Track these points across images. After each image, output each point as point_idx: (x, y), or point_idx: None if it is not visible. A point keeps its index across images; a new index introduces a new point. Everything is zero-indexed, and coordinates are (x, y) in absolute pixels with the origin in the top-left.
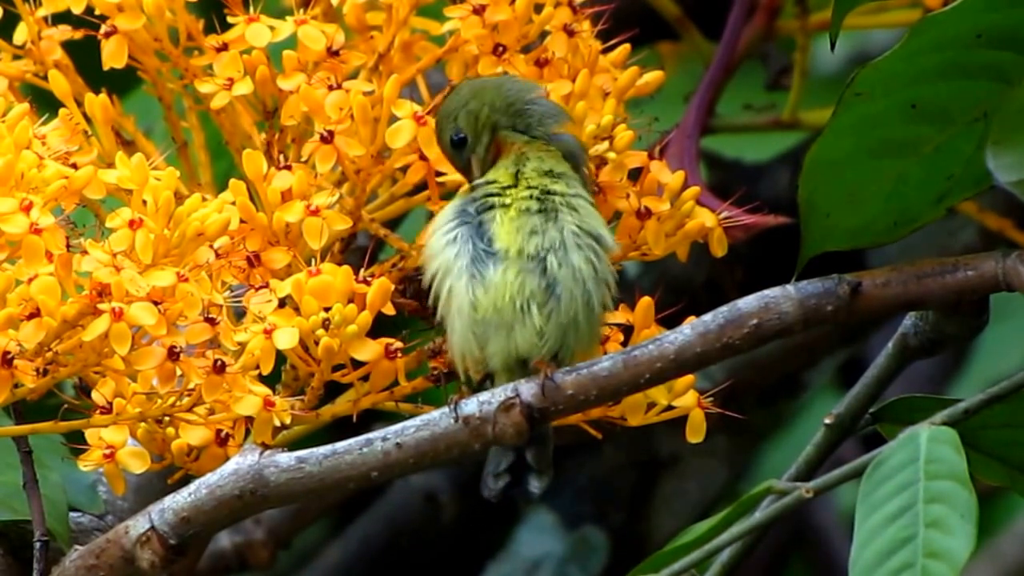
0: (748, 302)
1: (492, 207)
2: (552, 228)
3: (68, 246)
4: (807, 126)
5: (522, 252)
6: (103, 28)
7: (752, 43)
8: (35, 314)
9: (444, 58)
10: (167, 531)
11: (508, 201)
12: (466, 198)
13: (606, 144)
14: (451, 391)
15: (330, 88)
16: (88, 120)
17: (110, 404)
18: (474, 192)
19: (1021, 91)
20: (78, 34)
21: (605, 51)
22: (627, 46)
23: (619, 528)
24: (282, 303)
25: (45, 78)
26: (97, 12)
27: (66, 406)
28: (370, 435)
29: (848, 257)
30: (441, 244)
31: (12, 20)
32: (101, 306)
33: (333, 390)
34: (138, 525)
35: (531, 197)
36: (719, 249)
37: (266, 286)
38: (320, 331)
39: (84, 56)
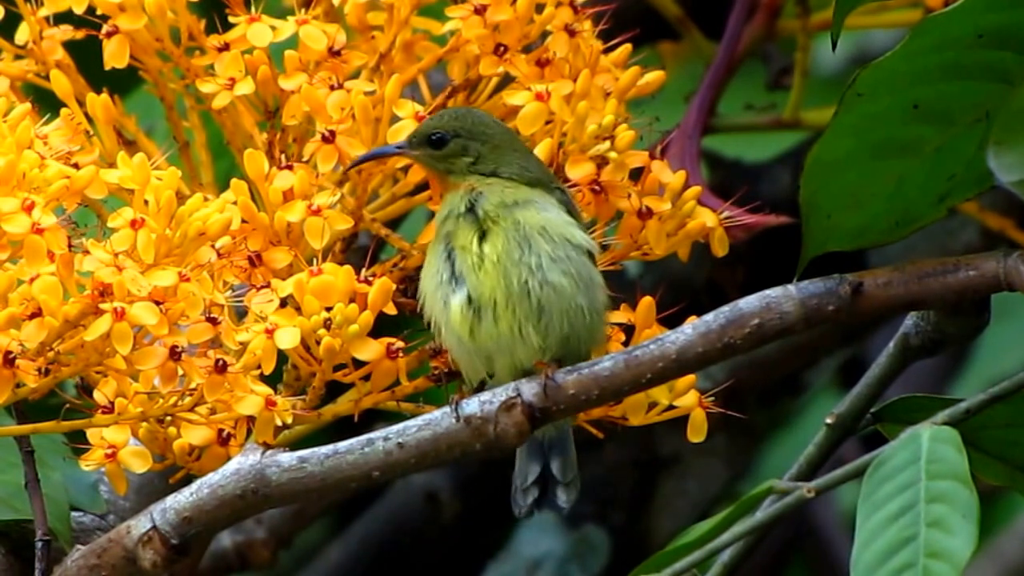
0: (749, 302)
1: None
2: (527, 254)
3: (70, 246)
4: (808, 126)
5: (507, 284)
6: (105, 28)
7: (753, 43)
8: (37, 314)
9: (445, 58)
10: (169, 531)
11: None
12: (444, 238)
13: (607, 144)
14: (452, 390)
15: (331, 88)
16: (90, 120)
17: (112, 404)
18: (447, 233)
19: (1022, 91)
20: (80, 34)
21: (606, 51)
22: (628, 46)
23: (620, 527)
24: (283, 303)
25: (47, 78)
26: (99, 12)
27: (68, 406)
28: (372, 435)
29: (849, 257)
30: (431, 287)
31: (14, 20)
32: (103, 306)
33: (334, 390)
34: (140, 525)
35: (506, 237)
36: (720, 249)
37: (268, 286)
38: (322, 331)
39: (86, 56)
